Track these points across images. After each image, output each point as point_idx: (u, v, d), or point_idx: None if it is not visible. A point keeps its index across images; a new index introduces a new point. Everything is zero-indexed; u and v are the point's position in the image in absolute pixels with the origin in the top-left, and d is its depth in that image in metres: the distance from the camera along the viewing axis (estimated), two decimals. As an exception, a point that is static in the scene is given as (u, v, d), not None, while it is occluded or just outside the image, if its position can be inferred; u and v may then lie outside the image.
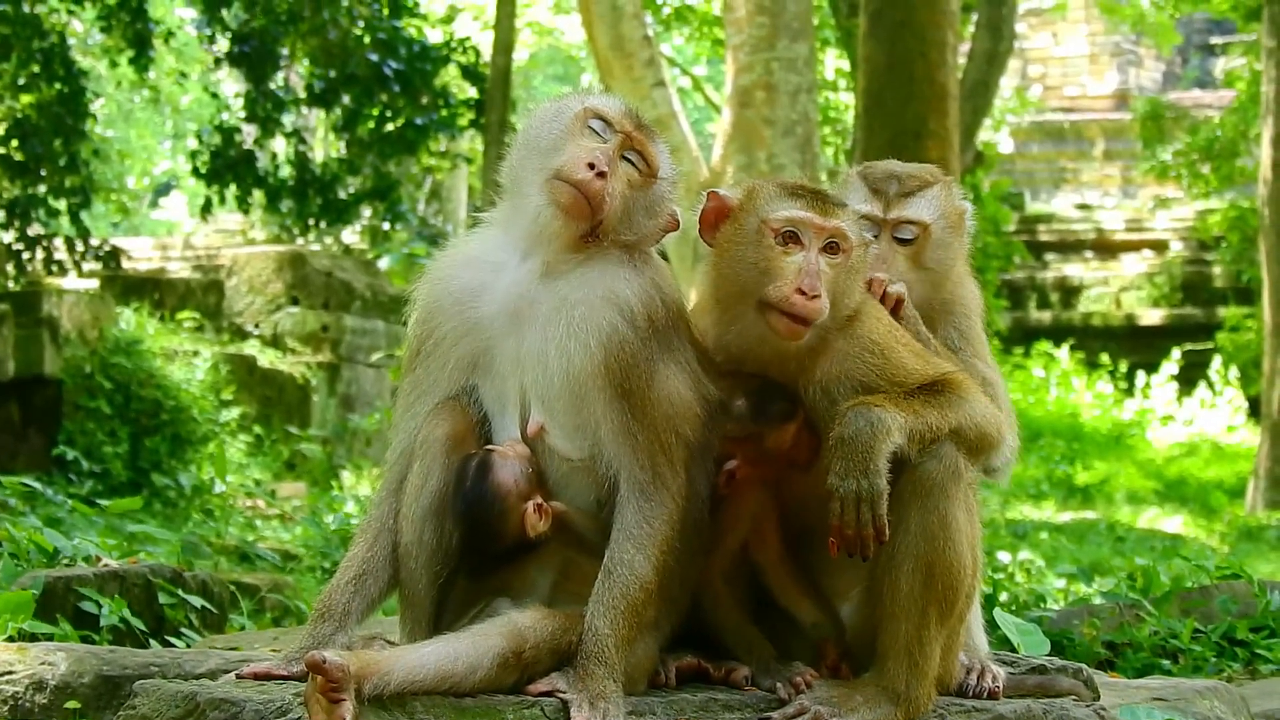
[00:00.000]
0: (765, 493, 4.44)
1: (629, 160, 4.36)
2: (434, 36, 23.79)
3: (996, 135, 33.19)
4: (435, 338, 4.39)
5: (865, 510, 4.14)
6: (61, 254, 21.28)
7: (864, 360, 4.33)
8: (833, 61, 29.45)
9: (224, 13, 21.96)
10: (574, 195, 4.25)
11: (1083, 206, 33.25)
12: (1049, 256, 31.62)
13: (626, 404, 4.19)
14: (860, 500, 4.14)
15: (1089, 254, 31.62)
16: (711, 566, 4.43)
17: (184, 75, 28.14)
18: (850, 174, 5.00)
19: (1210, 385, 27.54)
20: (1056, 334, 29.59)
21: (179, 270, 27.07)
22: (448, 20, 25.67)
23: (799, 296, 4.20)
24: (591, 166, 4.24)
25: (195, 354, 17.17)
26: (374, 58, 21.73)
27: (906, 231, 4.80)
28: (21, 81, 20.81)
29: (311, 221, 22.86)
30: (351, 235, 26.81)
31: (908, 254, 4.77)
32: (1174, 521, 20.63)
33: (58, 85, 20.77)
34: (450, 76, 23.61)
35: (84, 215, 21.34)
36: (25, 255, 20.90)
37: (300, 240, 24.04)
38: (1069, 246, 31.81)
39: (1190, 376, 27.80)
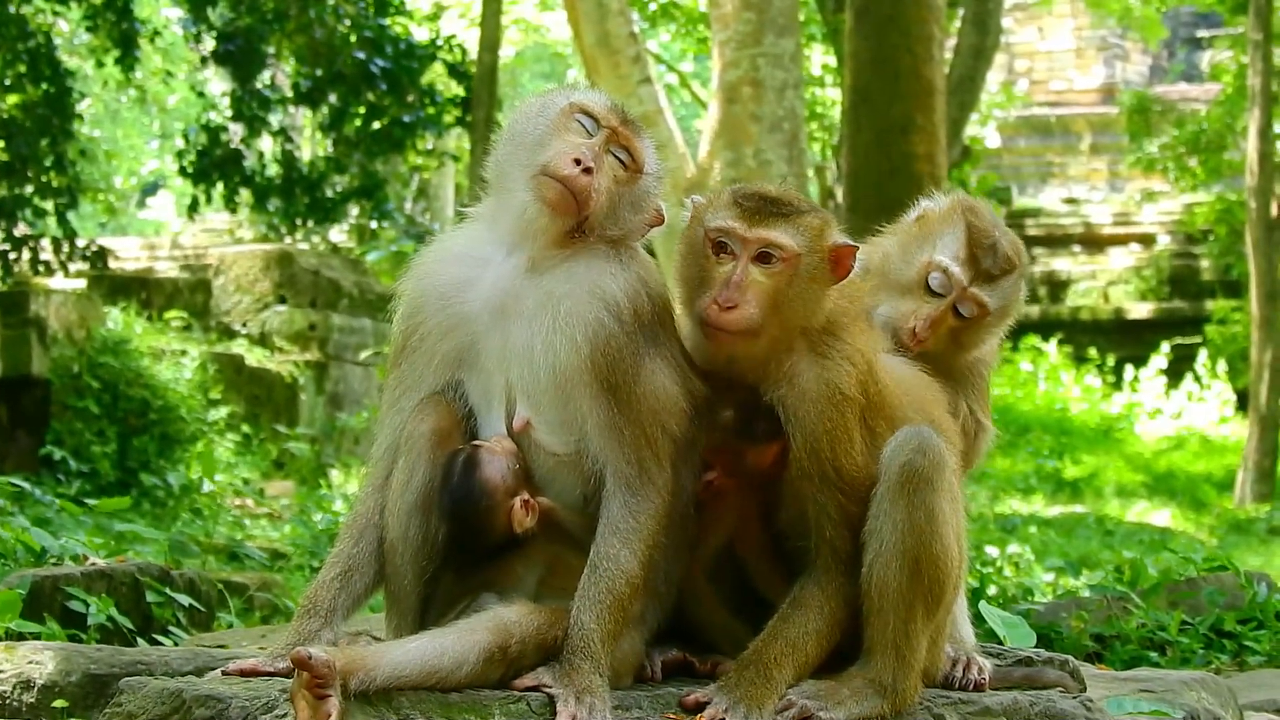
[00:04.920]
0: (748, 493, 4.43)
1: (615, 156, 4.35)
2: (420, 34, 23.75)
3: (983, 130, 33.19)
4: (421, 333, 4.38)
5: None
6: (48, 254, 21.23)
7: (817, 407, 4.25)
8: (819, 57, 29.42)
9: (210, 12, 21.92)
10: (560, 191, 4.24)
11: (1070, 201, 33.25)
12: (1036, 251, 31.57)
13: (612, 399, 4.19)
14: None
15: (1076, 248, 31.63)
16: (695, 564, 4.43)
17: (170, 75, 28.11)
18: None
19: (1198, 379, 27.56)
20: (1044, 328, 29.57)
21: (166, 270, 27.01)
22: (434, 18, 25.59)
23: (714, 308, 4.21)
24: (578, 162, 4.23)
25: (183, 353, 17.14)
26: (360, 56, 21.72)
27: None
28: (7, 82, 20.76)
29: (299, 220, 22.83)
30: (339, 234, 26.78)
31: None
32: (1162, 515, 20.66)
33: (44, 85, 20.72)
34: (436, 74, 23.58)
35: (71, 215, 21.30)
36: (12, 256, 20.86)
37: (287, 239, 23.98)
38: (1056, 241, 31.81)
39: (1178, 370, 27.81)
